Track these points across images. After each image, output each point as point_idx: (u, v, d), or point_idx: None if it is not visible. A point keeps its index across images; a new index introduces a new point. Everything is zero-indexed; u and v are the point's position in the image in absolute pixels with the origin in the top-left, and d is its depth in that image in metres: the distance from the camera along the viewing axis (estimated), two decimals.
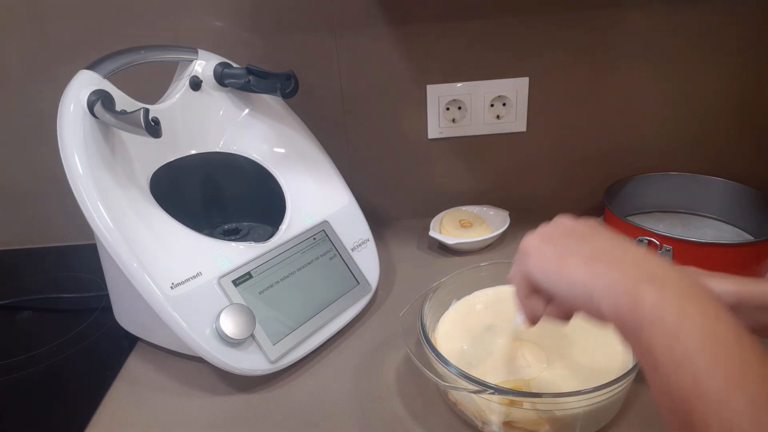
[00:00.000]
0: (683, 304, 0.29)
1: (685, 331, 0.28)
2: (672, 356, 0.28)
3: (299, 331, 0.61)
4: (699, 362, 0.27)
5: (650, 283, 0.30)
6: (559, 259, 0.36)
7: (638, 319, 0.30)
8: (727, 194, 0.84)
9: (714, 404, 0.26)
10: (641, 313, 0.29)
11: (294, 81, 0.66)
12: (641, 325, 0.29)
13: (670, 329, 0.28)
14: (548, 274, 0.37)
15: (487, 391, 0.47)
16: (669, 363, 0.28)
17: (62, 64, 0.66)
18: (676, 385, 0.27)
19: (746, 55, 0.83)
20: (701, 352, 0.27)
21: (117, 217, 0.56)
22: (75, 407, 0.59)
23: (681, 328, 0.28)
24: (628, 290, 0.31)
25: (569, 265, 0.35)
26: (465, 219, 0.88)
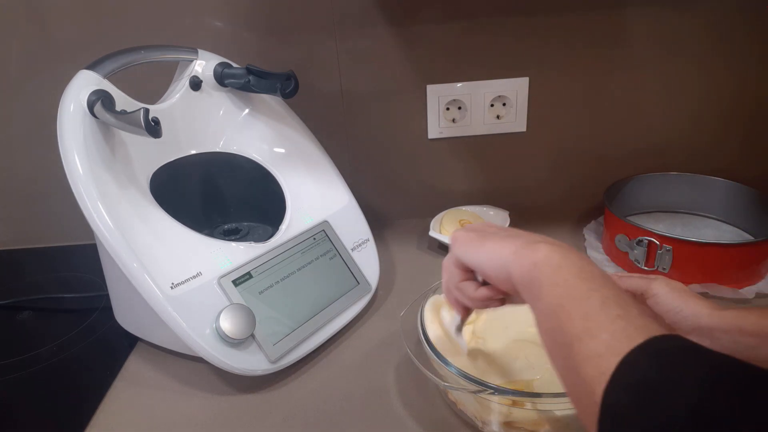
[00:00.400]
0: (566, 253, 0.38)
1: (565, 265, 0.37)
2: (554, 283, 0.37)
3: (299, 331, 0.61)
4: (573, 284, 0.36)
5: (543, 243, 0.40)
6: (480, 240, 0.45)
7: (532, 265, 0.38)
8: (727, 194, 0.84)
9: (577, 301, 0.34)
10: (535, 260, 0.38)
11: (294, 81, 0.66)
12: (534, 268, 0.38)
13: (555, 264, 0.38)
14: (471, 251, 0.45)
15: (487, 391, 0.47)
16: (551, 291, 0.36)
17: (62, 64, 0.66)
18: (555, 303, 0.35)
19: (747, 56, 0.83)
20: (576, 277, 0.36)
21: (117, 217, 0.56)
22: (75, 407, 0.59)
23: (562, 264, 0.37)
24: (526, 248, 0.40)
25: (486, 243, 0.44)
26: (465, 219, 0.88)
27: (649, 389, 0.27)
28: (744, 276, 0.71)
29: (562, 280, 0.36)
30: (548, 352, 0.36)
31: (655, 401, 0.27)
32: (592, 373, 0.30)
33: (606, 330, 0.32)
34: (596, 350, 0.31)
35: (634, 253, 0.74)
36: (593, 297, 0.34)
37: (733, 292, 0.70)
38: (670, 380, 0.27)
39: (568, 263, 0.37)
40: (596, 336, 0.32)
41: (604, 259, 0.79)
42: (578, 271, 0.37)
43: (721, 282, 0.70)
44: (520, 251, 0.40)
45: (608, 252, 0.80)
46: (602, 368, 0.30)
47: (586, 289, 0.35)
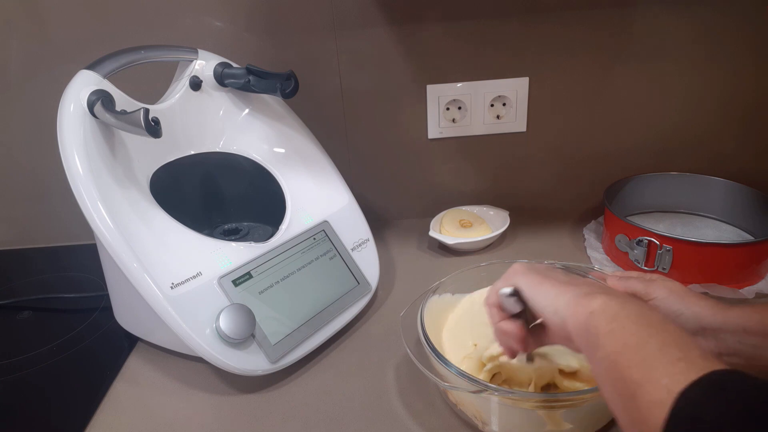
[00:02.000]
0: (623, 302, 0.38)
1: (622, 314, 0.37)
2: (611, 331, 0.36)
3: (299, 331, 0.61)
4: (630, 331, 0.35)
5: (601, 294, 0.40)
6: (540, 279, 0.45)
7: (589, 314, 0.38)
8: (727, 194, 0.84)
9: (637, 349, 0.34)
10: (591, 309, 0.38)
11: (294, 81, 0.66)
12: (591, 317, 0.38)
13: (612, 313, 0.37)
14: (530, 286, 0.45)
15: (487, 391, 0.47)
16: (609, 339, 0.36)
17: (62, 64, 0.66)
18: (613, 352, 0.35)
19: (746, 56, 0.83)
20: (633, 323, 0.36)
21: (117, 217, 0.56)
22: (75, 407, 0.59)
23: (619, 312, 0.37)
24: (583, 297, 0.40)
25: (545, 284, 0.44)
26: (465, 219, 0.88)
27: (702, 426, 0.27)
28: (744, 276, 0.71)
29: (619, 327, 0.36)
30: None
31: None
32: (656, 420, 0.30)
33: (666, 374, 0.31)
34: (657, 397, 0.30)
35: (634, 253, 0.74)
36: (651, 342, 0.34)
37: (733, 292, 0.70)
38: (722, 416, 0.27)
39: (626, 311, 0.37)
40: (657, 382, 0.31)
41: (604, 258, 0.79)
42: (636, 318, 0.36)
43: (721, 282, 0.70)
44: (578, 300, 0.40)
45: (608, 252, 0.80)
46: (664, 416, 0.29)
47: (645, 335, 0.34)
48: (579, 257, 0.81)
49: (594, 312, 0.38)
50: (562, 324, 0.41)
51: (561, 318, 0.41)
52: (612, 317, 0.37)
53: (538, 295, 0.44)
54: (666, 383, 0.30)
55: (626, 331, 0.35)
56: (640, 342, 0.34)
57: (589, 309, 0.38)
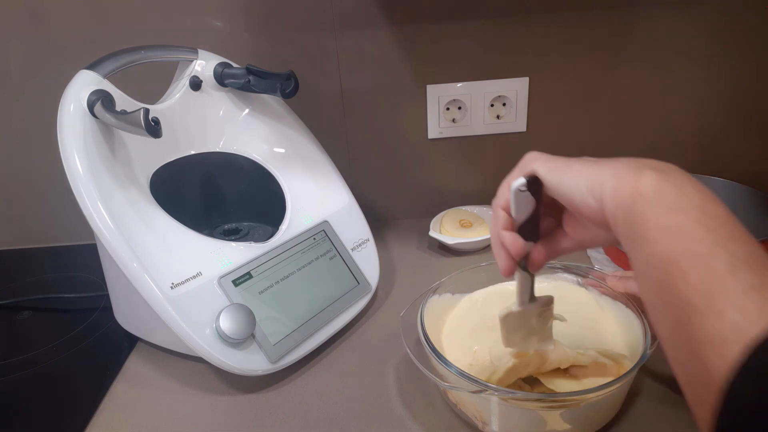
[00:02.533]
0: (683, 185, 0.31)
1: (683, 204, 0.29)
2: (665, 226, 0.29)
3: (299, 331, 0.61)
4: (692, 232, 0.28)
5: (650, 169, 0.32)
6: (565, 163, 0.37)
7: (637, 195, 0.31)
8: (727, 194, 0.84)
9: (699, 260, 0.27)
10: (640, 189, 0.31)
11: (294, 81, 0.66)
12: (640, 200, 0.31)
13: (669, 204, 0.30)
14: (553, 170, 0.38)
15: (487, 391, 0.47)
16: (662, 236, 0.29)
17: (62, 64, 0.66)
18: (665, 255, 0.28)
19: (748, 56, 0.83)
20: (696, 221, 0.28)
21: (117, 217, 0.56)
22: (75, 407, 0.59)
23: (679, 200, 0.30)
24: (628, 172, 0.32)
25: (573, 167, 0.36)
26: (465, 219, 0.88)
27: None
28: None
29: (675, 224, 0.29)
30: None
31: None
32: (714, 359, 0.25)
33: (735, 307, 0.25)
34: (722, 333, 0.25)
35: None
36: (719, 255, 0.27)
37: None
38: None
39: (686, 201, 0.29)
40: (722, 314, 0.25)
41: (604, 258, 0.79)
42: (700, 214, 0.29)
43: None
44: (620, 175, 0.32)
45: (608, 252, 0.80)
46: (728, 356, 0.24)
47: (710, 242, 0.27)
48: (579, 257, 0.81)
49: (644, 195, 0.30)
50: (598, 206, 0.33)
51: (597, 197, 0.33)
52: (669, 207, 0.29)
53: (567, 176, 0.36)
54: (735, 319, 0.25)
55: (685, 232, 0.28)
56: (704, 252, 0.27)
57: (636, 188, 0.31)
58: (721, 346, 0.25)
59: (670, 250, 0.28)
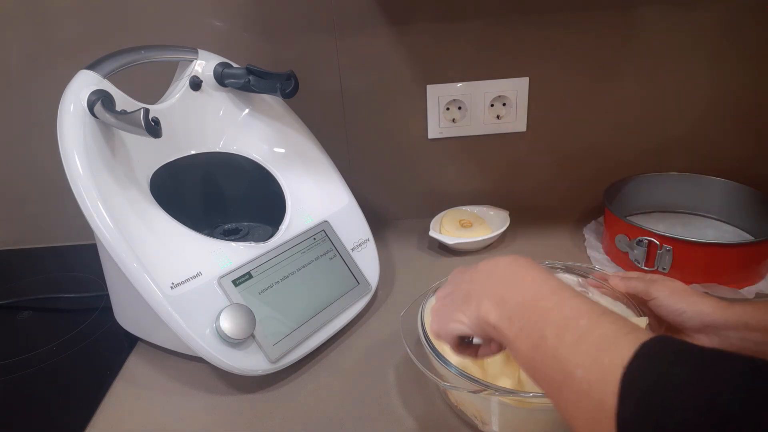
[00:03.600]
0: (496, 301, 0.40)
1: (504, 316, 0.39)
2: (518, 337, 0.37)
3: (299, 331, 0.61)
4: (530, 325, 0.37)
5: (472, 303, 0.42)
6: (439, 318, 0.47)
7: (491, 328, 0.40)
8: (727, 194, 0.84)
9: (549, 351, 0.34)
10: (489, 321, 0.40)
11: (294, 81, 0.66)
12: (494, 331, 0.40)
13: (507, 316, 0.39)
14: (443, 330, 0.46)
15: (487, 391, 0.47)
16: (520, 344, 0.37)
17: (62, 64, 0.66)
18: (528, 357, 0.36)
19: (747, 56, 0.83)
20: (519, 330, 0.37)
21: (117, 217, 0.56)
22: (75, 407, 0.59)
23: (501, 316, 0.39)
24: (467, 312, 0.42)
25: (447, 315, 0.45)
26: (465, 219, 0.88)
27: (654, 395, 0.27)
28: (744, 276, 0.71)
29: (517, 326, 0.37)
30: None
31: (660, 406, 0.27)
32: (588, 406, 0.30)
33: (581, 363, 0.32)
34: (580, 387, 0.31)
35: (634, 253, 0.74)
36: (547, 330, 0.35)
37: (733, 292, 0.70)
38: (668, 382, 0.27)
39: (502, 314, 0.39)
40: (574, 375, 0.32)
41: (604, 258, 0.79)
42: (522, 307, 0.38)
43: (721, 282, 0.70)
44: (475, 319, 0.42)
45: (608, 252, 0.80)
46: (596, 398, 0.30)
47: (539, 327, 0.35)
48: (579, 257, 0.81)
49: (490, 320, 0.39)
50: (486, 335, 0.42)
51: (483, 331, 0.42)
52: (508, 317, 0.38)
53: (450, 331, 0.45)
54: (585, 376, 0.31)
55: (525, 327, 0.37)
56: (540, 335, 0.35)
57: (486, 317, 0.40)
58: (588, 400, 0.30)
59: (525, 350, 0.36)
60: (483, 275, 0.44)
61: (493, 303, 0.40)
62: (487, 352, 0.46)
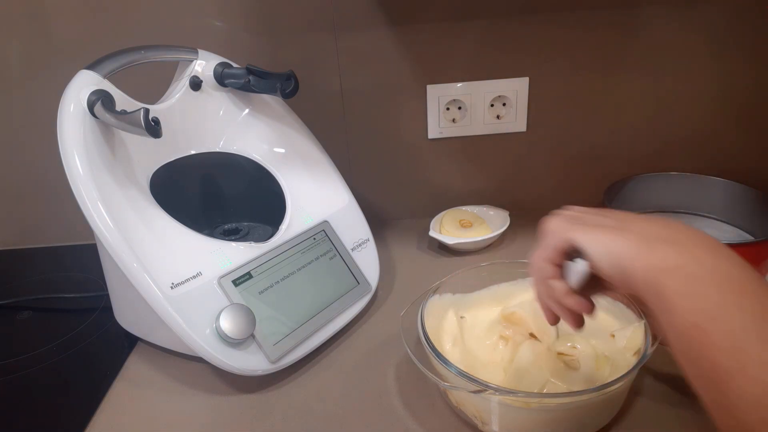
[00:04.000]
0: (700, 257, 0.32)
1: (701, 274, 0.31)
2: (687, 293, 0.31)
3: (299, 331, 0.61)
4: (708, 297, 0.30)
5: (665, 244, 0.34)
6: (589, 227, 0.38)
7: (659, 272, 0.33)
8: (727, 194, 0.84)
9: (719, 323, 0.28)
10: (660, 266, 0.33)
11: (294, 81, 0.66)
12: (661, 276, 0.32)
13: (688, 273, 0.32)
14: (585, 235, 0.38)
15: (487, 391, 0.47)
16: (683, 301, 0.30)
17: (62, 64, 0.66)
18: (690, 322, 0.30)
19: (747, 55, 0.83)
20: (716, 287, 0.30)
21: (117, 217, 0.56)
22: (75, 407, 0.59)
23: (698, 272, 0.31)
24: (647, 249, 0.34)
25: (596, 232, 0.37)
26: (465, 219, 0.88)
27: None
28: None
29: (693, 291, 0.30)
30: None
31: None
32: (752, 420, 0.25)
33: (762, 364, 0.26)
34: (752, 393, 0.25)
35: None
36: (741, 314, 0.28)
37: None
38: None
39: (704, 271, 0.31)
40: (749, 372, 0.26)
41: None
42: (720, 280, 0.30)
43: None
44: (641, 253, 0.34)
45: None
46: (765, 416, 0.25)
47: (731, 304, 0.29)
48: None
49: (664, 270, 0.32)
50: (625, 280, 0.35)
51: (624, 273, 0.35)
52: (687, 278, 0.31)
53: (596, 244, 0.37)
54: (763, 377, 0.25)
55: (707, 299, 0.29)
56: (725, 313, 0.28)
57: (656, 265, 0.32)
58: (757, 409, 0.25)
59: (693, 316, 0.30)
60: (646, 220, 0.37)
61: (670, 248, 0.33)
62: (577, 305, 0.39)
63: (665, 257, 0.33)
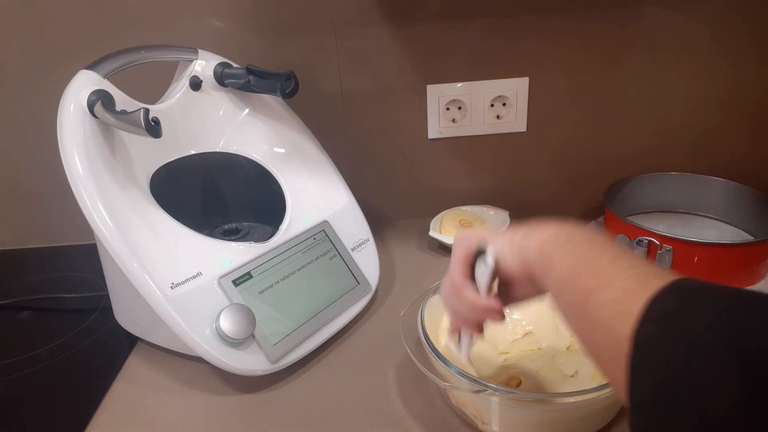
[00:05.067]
0: (573, 228, 0.40)
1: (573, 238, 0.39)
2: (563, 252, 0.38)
3: (299, 331, 0.61)
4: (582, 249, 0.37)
5: (552, 224, 0.42)
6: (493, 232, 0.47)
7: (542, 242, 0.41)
8: (727, 194, 0.84)
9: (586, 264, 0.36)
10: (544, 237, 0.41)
11: (294, 81, 0.66)
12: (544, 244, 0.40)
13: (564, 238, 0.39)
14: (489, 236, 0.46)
15: (487, 391, 0.47)
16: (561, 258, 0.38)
17: (62, 64, 0.66)
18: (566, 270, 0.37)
19: (748, 55, 0.83)
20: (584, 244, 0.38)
21: (117, 217, 0.56)
22: (75, 407, 0.59)
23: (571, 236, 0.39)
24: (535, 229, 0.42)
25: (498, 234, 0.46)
26: (465, 219, 0.88)
27: (675, 318, 0.29)
28: (744, 276, 0.71)
29: (570, 248, 0.38)
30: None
31: (680, 327, 0.28)
32: (609, 314, 0.31)
33: (620, 278, 0.33)
34: (613, 296, 0.32)
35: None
36: (603, 256, 0.35)
37: None
38: (692, 308, 0.29)
39: (577, 235, 0.39)
40: (610, 285, 0.33)
41: None
42: (586, 239, 0.38)
43: (721, 282, 0.70)
44: (530, 233, 0.42)
45: None
46: (620, 309, 0.31)
47: (595, 251, 0.36)
48: None
49: (546, 240, 0.40)
50: (522, 262, 0.42)
51: (521, 256, 0.42)
52: (565, 241, 0.39)
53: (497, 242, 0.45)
54: (621, 285, 0.32)
55: (577, 252, 0.37)
56: (591, 257, 0.36)
57: (541, 238, 0.40)
58: (613, 305, 0.32)
59: (568, 266, 0.37)
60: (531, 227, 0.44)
61: (556, 225, 0.41)
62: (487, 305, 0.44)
63: (544, 232, 0.41)
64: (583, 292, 0.34)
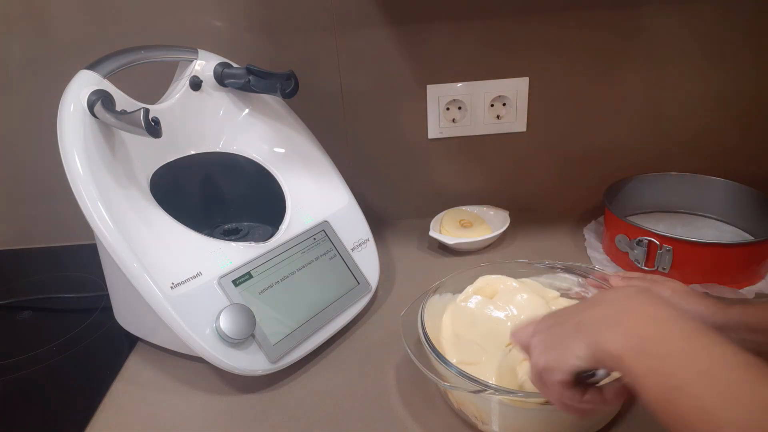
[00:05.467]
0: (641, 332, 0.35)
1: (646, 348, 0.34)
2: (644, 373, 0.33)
3: (299, 331, 0.61)
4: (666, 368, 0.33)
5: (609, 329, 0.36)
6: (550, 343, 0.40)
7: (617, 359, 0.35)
8: (727, 194, 0.84)
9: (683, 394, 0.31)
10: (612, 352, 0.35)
11: (294, 81, 0.66)
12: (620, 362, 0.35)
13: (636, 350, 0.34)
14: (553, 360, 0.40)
15: (487, 391, 0.47)
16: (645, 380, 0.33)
17: (62, 64, 0.66)
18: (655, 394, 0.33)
19: (747, 56, 0.83)
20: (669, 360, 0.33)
21: (117, 217, 0.56)
22: (75, 407, 0.59)
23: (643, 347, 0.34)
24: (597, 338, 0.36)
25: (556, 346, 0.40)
26: (465, 219, 0.88)
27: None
28: (744, 276, 0.71)
29: (652, 368, 0.33)
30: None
31: None
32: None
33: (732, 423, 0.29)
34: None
35: (634, 253, 0.74)
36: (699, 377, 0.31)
37: (733, 292, 0.70)
38: None
39: (648, 345, 0.34)
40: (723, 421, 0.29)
41: (604, 258, 0.79)
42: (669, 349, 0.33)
43: (721, 282, 0.70)
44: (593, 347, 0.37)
45: (608, 252, 0.80)
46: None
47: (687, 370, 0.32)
48: (579, 257, 0.81)
49: (618, 357, 0.35)
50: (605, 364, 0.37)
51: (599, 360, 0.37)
52: (639, 356, 0.34)
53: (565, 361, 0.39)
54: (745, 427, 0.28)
55: (664, 371, 0.32)
56: (686, 383, 0.31)
57: (609, 352, 0.35)
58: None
59: (658, 391, 0.32)
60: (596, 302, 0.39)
61: (615, 331, 0.35)
62: (613, 394, 0.40)
63: (611, 345, 0.35)
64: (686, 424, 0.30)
